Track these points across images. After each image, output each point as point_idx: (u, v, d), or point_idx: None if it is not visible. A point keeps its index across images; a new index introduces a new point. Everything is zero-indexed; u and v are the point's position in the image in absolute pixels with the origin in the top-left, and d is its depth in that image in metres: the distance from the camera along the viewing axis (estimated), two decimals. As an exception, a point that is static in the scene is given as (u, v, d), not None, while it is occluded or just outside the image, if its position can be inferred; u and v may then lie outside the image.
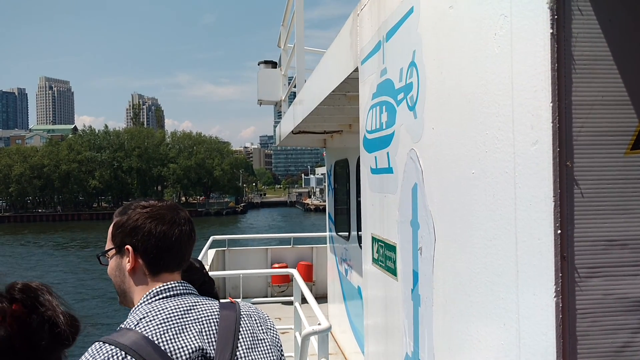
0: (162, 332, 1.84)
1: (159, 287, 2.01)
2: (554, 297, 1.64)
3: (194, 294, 2.07)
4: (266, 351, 2.05)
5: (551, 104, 1.64)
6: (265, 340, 2.08)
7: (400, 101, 3.03)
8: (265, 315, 2.21)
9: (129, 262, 2.02)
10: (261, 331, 2.09)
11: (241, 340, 1.98)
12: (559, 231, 1.64)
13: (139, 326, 1.86)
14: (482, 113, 2.07)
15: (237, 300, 2.22)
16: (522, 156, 1.80)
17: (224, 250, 13.60)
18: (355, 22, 4.04)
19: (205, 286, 2.72)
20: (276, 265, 13.09)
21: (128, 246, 2.02)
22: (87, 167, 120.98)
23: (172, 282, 2.04)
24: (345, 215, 8.74)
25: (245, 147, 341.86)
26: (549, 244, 1.66)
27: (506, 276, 1.92)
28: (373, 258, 3.77)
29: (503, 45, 1.91)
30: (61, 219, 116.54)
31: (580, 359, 1.65)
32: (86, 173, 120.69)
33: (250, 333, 2.04)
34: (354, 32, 4.09)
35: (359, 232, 7.38)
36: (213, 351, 1.89)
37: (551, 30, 1.64)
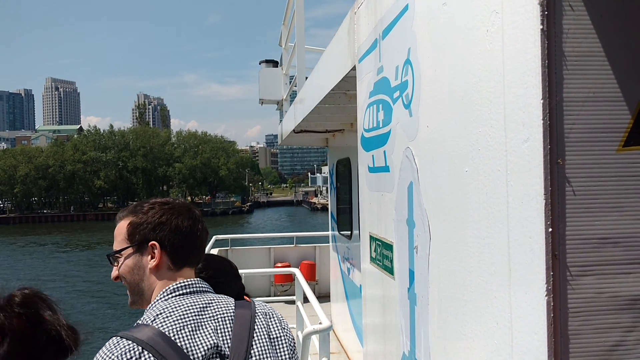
0: (178, 329, 1.86)
1: (176, 284, 2.02)
2: (545, 295, 1.62)
3: (209, 291, 2.09)
4: (280, 350, 2.06)
5: (542, 101, 1.62)
6: (280, 339, 2.09)
7: (396, 99, 3.01)
8: (279, 315, 2.21)
9: (152, 258, 2.03)
10: (276, 330, 2.10)
11: (256, 338, 1.99)
12: (550, 229, 1.62)
13: (156, 322, 1.87)
14: (475, 110, 2.05)
15: (253, 299, 2.24)
16: (514, 154, 1.79)
17: (227, 249, 13.59)
18: (353, 21, 4.03)
19: (242, 293, 2.72)
20: (279, 265, 13.06)
21: (154, 242, 2.02)
22: (92, 167, 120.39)
23: (189, 280, 2.05)
24: (348, 214, 8.72)
25: (251, 146, 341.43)
26: (540, 242, 1.64)
27: (499, 275, 1.90)
28: (371, 257, 3.76)
29: (495, 42, 1.90)
30: (67, 220, 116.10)
31: (572, 358, 1.64)
32: (91, 173, 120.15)
33: (266, 332, 2.05)
34: (352, 31, 4.07)
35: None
36: (228, 349, 1.90)
37: (541, 27, 1.62)
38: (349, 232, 8.63)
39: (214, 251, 12.70)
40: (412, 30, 2.73)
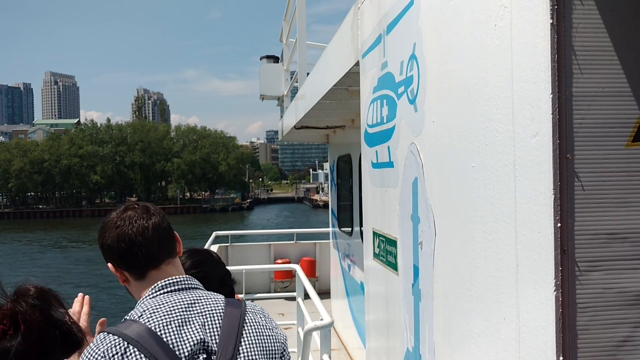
0: (164, 324, 1.86)
1: (164, 282, 2.01)
2: (554, 291, 1.62)
3: (199, 288, 2.08)
4: (270, 348, 2.03)
5: (551, 96, 1.62)
6: (270, 337, 2.06)
7: (401, 94, 3.01)
8: (267, 314, 2.19)
9: (119, 277, 2.10)
10: (266, 328, 2.07)
11: (245, 335, 1.97)
12: (559, 224, 1.62)
13: (142, 318, 1.88)
14: (482, 105, 2.05)
15: (242, 296, 2.22)
16: (522, 149, 1.78)
17: (227, 246, 13.58)
18: (356, 16, 4.02)
19: (227, 279, 2.69)
20: (279, 261, 13.03)
21: (109, 264, 2.08)
22: (89, 161, 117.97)
23: (177, 277, 2.04)
24: (348, 211, 8.71)
25: (252, 142, 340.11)
26: (549, 238, 1.64)
27: (506, 270, 1.90)
28: (374, 253, 3.76)
29: (503, 37, 1.89)
30: (62, 216, 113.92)
31: (580, 353, 1.63)
32: (88, 168, 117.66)
33: (255, 329, 2.02)
34: (355, 26, 4.06)
35: (362, 228, 7.36)
36: (215, 345, 1.89)
37: (551, 21, 1.62)
38: (350, 229, 8.62)
39: (214, 247, 12.69)
40: (418, 25, 2.73)
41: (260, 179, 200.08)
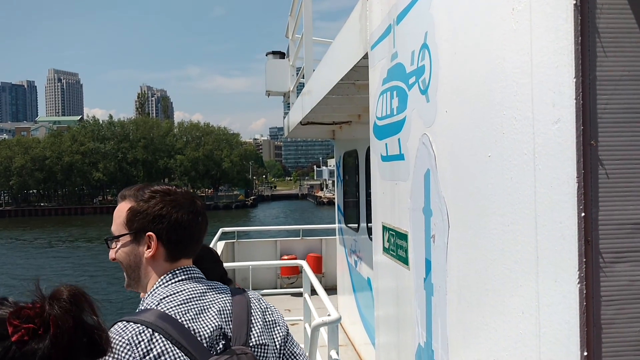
0: (184, 312, 1.92)
1: (175, 271, 2.07)
2: (578, 283, 1.56)
3: (204, 279, 2.16)
4: (275, 331, 2.16)
5: (574, 80, 1.55)
6: (274, 322, 2.19)
7: (412, 85, 2.94)
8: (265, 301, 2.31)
9: (148, 248, 2.05)
10: (268, 313, 2.19)
11: (253, 321, 2.08)
12: (583, 214, 1.55)
13: (160, 306, 1.92)
14: (499, 93, 1.98)
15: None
16: (543, 136, 1.72)
17: (233, 242, 13.60)
18: (365, 7, 3.96)
19: (225, 277, 2.76)
20: (285, 257, 13.07)
21: (151, 233, 2.05)
22: (91, 158, 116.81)
23: (188, 267, 2.11)
24: (355, 207, 8.67)
25: (255, 139, 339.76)
26: (572, 228, 1.57)
27: (525, 262, 1.83)
28: (384, 247, 3.70)
29: (521, 21, 1.82)
30: (64, 213, 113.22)
31: (605, 348, 1.57)
32: (90, 165, 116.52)
33: (261, 314, 2.14)
34: (364, 17, 4.00)
35: (369, 224, 7.31)
36: (230, 330, 1.98)
37: (574, 2, 1.55)
38: (356, 225, 8.58)
39: (220, 244, 12.69)
40: (429, 13, 2.66)
41: (264, 176, 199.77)
